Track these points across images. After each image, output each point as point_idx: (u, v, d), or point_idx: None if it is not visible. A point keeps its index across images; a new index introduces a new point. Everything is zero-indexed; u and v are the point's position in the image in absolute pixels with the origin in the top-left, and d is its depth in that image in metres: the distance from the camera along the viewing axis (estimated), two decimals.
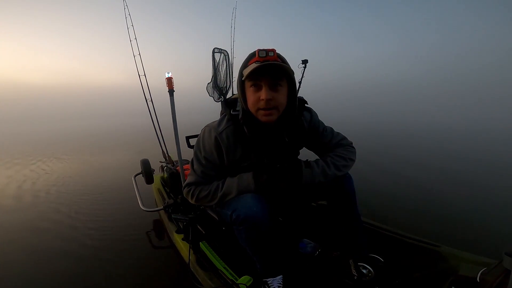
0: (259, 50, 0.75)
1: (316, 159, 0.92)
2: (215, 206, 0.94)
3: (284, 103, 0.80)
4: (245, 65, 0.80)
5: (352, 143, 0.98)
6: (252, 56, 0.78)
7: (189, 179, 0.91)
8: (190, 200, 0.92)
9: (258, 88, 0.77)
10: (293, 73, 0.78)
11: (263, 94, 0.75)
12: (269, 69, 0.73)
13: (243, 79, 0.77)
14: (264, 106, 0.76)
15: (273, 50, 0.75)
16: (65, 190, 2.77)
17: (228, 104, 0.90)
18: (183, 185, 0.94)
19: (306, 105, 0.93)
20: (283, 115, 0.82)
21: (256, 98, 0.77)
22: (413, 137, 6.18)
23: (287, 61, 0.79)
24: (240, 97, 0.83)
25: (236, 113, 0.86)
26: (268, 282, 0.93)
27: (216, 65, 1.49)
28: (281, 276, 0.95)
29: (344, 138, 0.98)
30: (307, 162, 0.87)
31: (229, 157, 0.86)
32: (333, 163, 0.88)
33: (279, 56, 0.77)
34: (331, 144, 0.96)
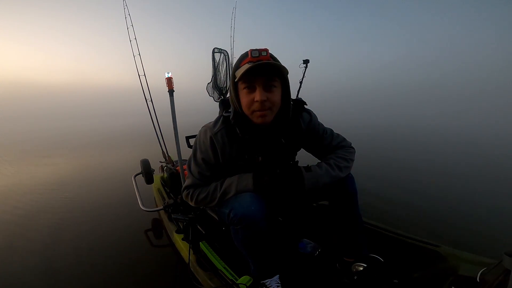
0: (252, 50, 0.73)
1: (318, 162, 0.91)
2: (215, 206, 0.94)
3: (279, 104, 0.79)
4: (237, 66, 0.78)
5: (351, 144, 0.99)
6: (244, 56, 0.77)
7: (186, 181, 0.91)
8: (190, 203, 0.92)
9: (251, 89, 0.74)
10: (287, 72, 0.76)
11: (257, 96, 0.73)
12: (263, 69, 0.71)
13: (236, 80, 0.75)
14: (258, 107, 0.74)
15: (266, 50, 0.73)
16: (64, 189, 2.76)
17: (224, 105, 0.89)
18: (182, 187, 0.93)
19: (305, 106, 0.93)
20: (278, 116, 0.81)
21: (250, 99, 0.75)
22: (413, 137, 6.18)
23: (280, 61, 0.77)
24: (233, 99, 0.80)
25: (228, 114, 0.84)
26: (266, 284, 0.91)
27: (216, 65, 1.50)
28: (277, 275, 0.94)
29: (344, 139, 0.98)
30: (307, 167, 0.86)
31: (224, 157, 0.86)
32: (336, 165, 0.88)
33: (271, 55, 0.76)
34: (332, 146, 0.95)
